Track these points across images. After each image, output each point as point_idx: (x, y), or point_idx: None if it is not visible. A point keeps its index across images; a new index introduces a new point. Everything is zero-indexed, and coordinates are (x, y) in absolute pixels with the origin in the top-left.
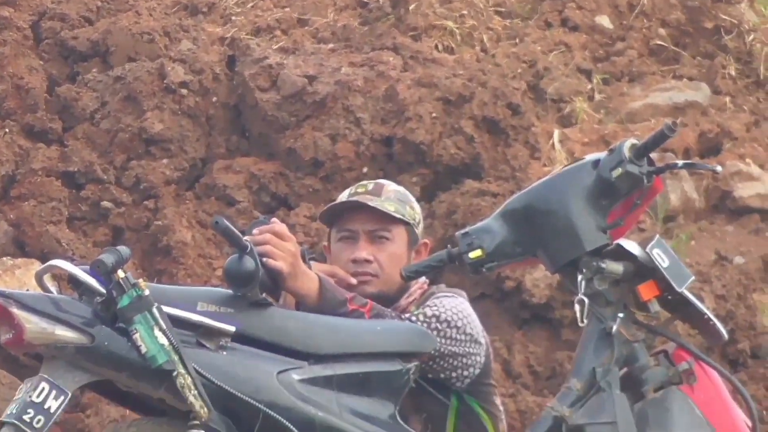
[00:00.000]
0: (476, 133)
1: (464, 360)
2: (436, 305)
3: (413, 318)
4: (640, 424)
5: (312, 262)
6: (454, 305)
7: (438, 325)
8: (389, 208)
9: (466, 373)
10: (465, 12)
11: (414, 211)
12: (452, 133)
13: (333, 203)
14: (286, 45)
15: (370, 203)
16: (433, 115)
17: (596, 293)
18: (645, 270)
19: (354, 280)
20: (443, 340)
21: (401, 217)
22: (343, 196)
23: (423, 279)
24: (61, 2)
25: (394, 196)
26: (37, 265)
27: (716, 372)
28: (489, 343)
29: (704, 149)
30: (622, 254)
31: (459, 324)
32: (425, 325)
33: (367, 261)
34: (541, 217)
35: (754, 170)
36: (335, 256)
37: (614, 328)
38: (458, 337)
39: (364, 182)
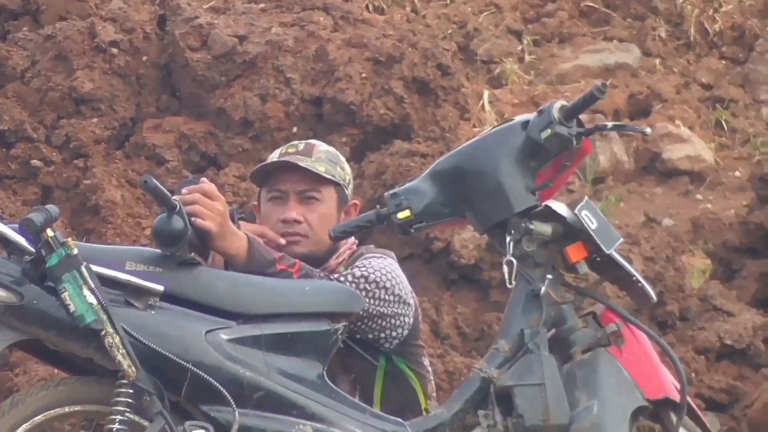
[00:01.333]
0: (406, 93)
1: (392, 321)
2: (365, 266)
3: (342, 278)
4: (568, 386)
5: (241, 222)
6: (383, 266)
7: (366, 285)
8: (320, 168)
9: (394, 333)
10: None
11: (344, 171)
12: (382, 94)
13: (263, 163)
14: (217, 5)
15: (300, 163)
16: (363, 75)
17: (525, 254)
18: (574, 231)
19: (283, 241)
20: (371, 301)
21: (331, 177)
22: (274, 156)
23: (352, 240)
24: None
25: (324, 157)
26: None
27: (644, 334)
28: (417, 304)
29: (634, 111)
30: (550, 215)
31: (387, 285)
32: (354, 285)
33: (297, 221)
34: (470, 178)
35: (684, 132)
36: (265, 216)
37: (542, 289)
38: (387, 297)
39: (295, 142)
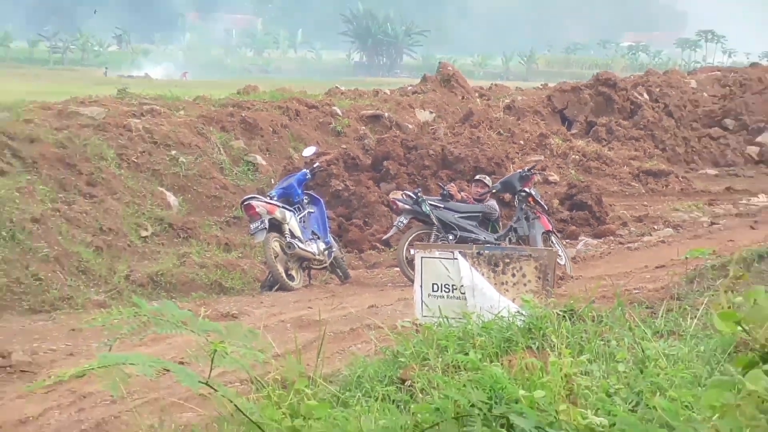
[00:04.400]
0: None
1: None
2: None
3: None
4: (529, 227)
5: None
6: None
7: None
8: None
9: None
10: None
11: None
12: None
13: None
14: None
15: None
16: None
17: (520, 200)
18: (530, 194)
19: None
20: None
21: None
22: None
23: None
24: None
25: None
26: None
27: (545, 215)
28: None
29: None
30: (527, 193)
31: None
32: None
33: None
34: (507, 182)
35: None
36: None
37: (523, 207)
38: None
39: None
